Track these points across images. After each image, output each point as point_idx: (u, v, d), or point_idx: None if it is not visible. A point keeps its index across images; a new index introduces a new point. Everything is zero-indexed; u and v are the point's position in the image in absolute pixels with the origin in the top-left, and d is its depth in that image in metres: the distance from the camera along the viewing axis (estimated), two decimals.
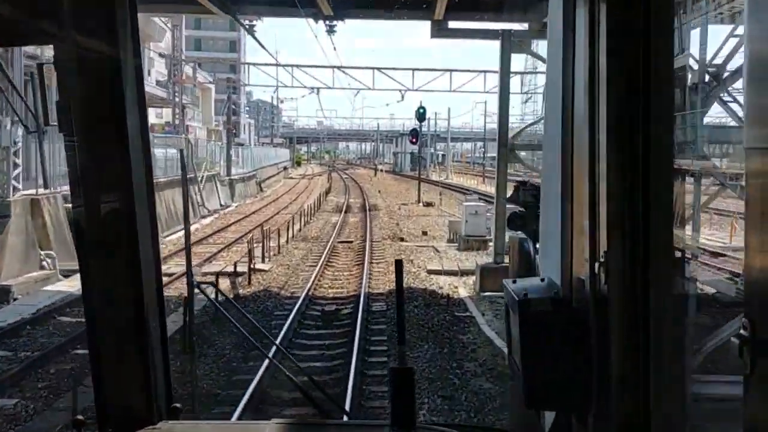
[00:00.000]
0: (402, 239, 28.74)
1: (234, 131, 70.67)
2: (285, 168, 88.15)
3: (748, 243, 0.97)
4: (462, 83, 44.64)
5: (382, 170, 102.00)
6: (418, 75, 44.77)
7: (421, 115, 49.87)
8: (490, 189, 64.35)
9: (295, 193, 60.54)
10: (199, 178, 41.59)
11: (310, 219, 37.05)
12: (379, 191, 60.98)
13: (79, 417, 2.11)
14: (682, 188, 4.07)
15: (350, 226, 34.16)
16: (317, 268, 20.85)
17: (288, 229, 29.66)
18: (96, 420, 2.08)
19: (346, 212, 41.01)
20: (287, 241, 27.43)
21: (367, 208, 42.94)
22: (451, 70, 43.68)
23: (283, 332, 13.54)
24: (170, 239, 25.70)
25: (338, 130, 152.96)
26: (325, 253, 24.06)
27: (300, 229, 32.14)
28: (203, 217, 38.29)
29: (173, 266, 19.29)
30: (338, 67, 42.45)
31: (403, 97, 45.50)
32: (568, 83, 1.67)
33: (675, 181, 1.42)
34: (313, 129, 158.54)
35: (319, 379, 8.96)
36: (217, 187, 46.45)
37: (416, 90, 44.12)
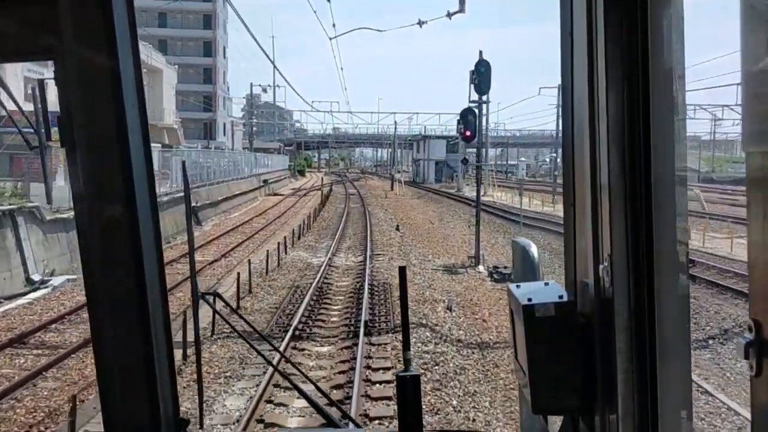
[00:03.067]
0: None
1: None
2: (266, 182, 60.64)
3: (751, 244, 0.96)
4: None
5: (400, 181, 74.39)
6: None
7: (481, 76, 22.20)
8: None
9: (247, 231, 33.03)
10: None
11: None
12: (398, 226, 33.45)
13: (87, 430, 1.90)
14: (684, 189, 1.40)
15: None
16: None
17: None
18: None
19: (307, 338, 13.45)
20: None
21: (366, 300, 15.60)
22: None
23: None
24: None
25: (348, 134, 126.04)
26: None
27: None
28: None
29: None
30: None
31: (450, 15, 18.08)
32: (567, 85, 1.62)
33: (677, 182, 1.37)
34: (320, 134, 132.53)
35: None
36: (20, 238, 19.30)
37: None
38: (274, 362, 9.73)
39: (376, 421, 9.16)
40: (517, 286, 1.66)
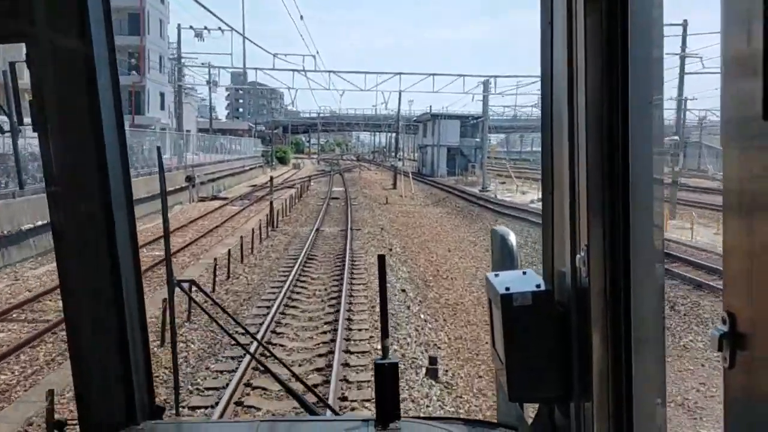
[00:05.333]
0: None
1: None
2: (190, 179, 36.18)
3: (727, 236, 0.95)
4: None
5: (407, 174, 50.80)
6: None
7: None
8: None
9: None
10: None
11: None
12: (433, 367, 9.66)
13: (60, 418, 1.58)
14: (661, 179, 1.40)
15: None
16: None
17: None
18: (78, 421, 1.95)
19: None
20: None
21: None
22: None
23: None
24: None
25: (341, 115, 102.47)
26: None
27: None
28: None
29: None
30: None
31: None
32: (546, 74, 1.57)
33: (655, 172, 1.33)
34: (309, 117, 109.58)
35: None
36: None
37: None
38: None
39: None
40: (496, 275, 1.61)
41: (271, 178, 25.89)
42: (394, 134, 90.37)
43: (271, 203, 24.85)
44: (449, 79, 47.59)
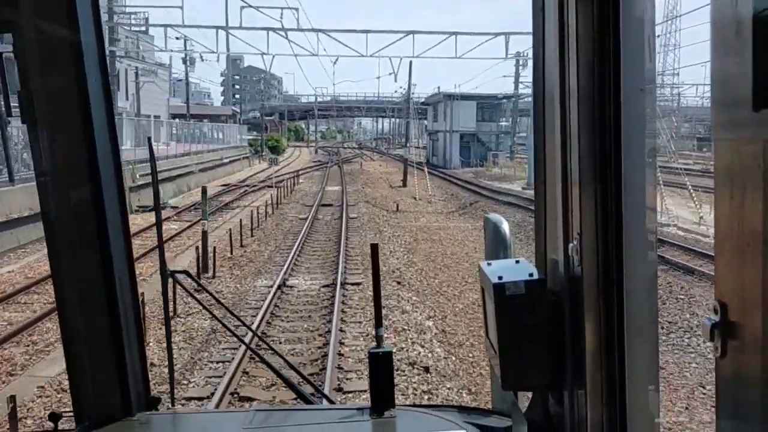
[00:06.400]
0: None
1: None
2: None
3: (718, 229, 0.93)
4: None
5: (423, 168, 39.92)
6: None
7: None
8: None
9: None
10: None
11: None
12: None
13: (55, 411, 2.00)
14: (654, 167, 1.36)
15: None
16: None
17: None
18: (73, 413, 1.93)
19: None
20: None
21: None
22: None
23: None
24: None
25: (342, 100, 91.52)
26: None
27: None
28: None
29: None
30: None
31: None
32: (538, 59, 1.54)
33: (647, 161, 1.31)
34: (307, 103, 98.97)
35: None
36: None
37: None
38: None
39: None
40: (488, 264, 1.59)
41: (204, 190, 14.64)
42: (398, 120, 79.30)
43: (204, 235, 13.91)
44: (478, 42, 35.82)
